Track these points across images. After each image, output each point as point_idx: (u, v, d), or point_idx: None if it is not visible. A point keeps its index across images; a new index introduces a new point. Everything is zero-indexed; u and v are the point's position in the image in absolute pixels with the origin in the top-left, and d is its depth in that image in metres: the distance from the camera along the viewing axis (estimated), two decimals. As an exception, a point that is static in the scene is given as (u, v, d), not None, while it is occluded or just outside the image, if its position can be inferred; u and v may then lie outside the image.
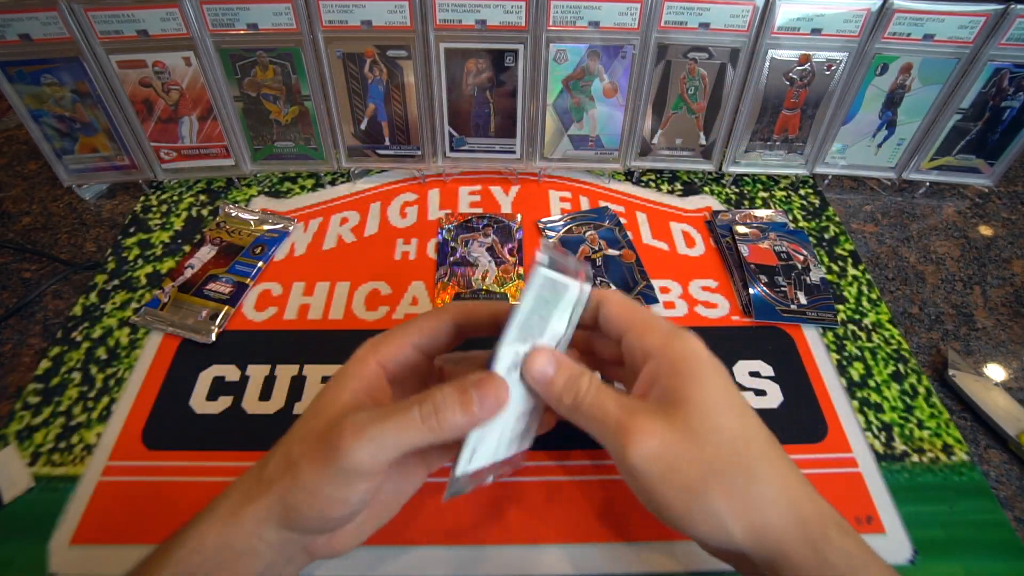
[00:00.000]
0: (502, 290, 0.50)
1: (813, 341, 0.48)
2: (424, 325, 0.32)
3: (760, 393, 0.44)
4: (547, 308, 0.29)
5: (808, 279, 0.51)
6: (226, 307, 0.48)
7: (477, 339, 0.34)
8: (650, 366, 0.29)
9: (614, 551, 0.36)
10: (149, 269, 0.52)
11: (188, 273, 0.51)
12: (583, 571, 0.35)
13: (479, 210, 0.58)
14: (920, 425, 0.43)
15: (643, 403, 0.28)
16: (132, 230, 0.56)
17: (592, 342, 0.35)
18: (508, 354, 0.28)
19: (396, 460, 0.27)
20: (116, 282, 0.51)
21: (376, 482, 0.27)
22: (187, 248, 0.54)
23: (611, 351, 0.33)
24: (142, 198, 0.60)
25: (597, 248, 0.54)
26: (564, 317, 0.30)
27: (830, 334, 0.48)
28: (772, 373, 0.45)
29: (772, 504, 0.26)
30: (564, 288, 0.30)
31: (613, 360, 0.33)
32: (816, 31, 0.52)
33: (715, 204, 0.60)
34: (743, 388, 0.44)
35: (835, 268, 0.54)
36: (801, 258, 0.53)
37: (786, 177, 0.63)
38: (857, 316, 0.50)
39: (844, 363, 0.46)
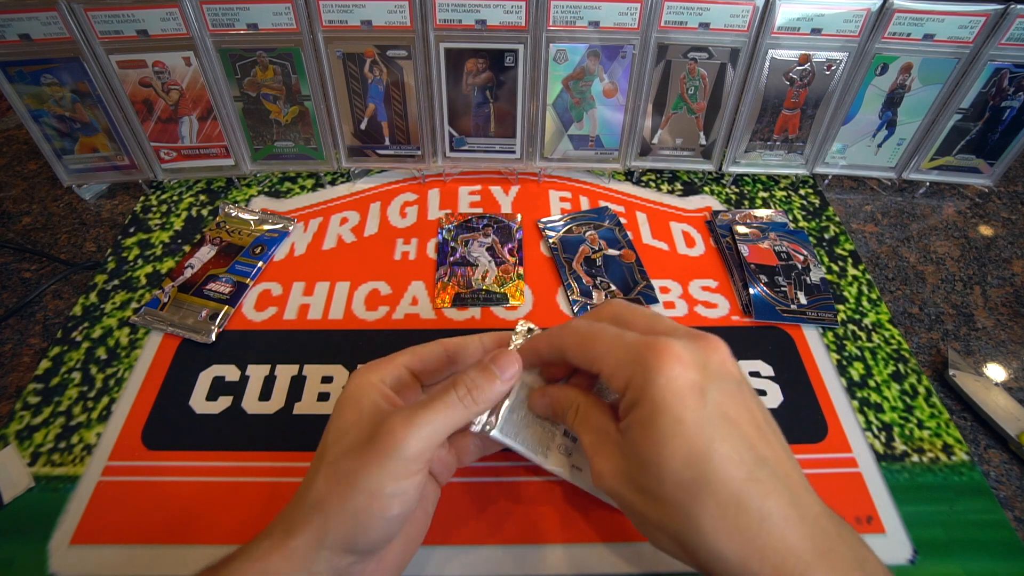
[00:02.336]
0: (502, 290, 0.50)
1: (813, 341, 0.48)
2: (417, 350, 0.34)
3: (760, 393, 0.44)
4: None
5: (808, 279, 0.51)
6: (226, 307, 0.48)
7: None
8: (623, 403, 0.29)
9: (614, 551, 0.36)
10: (149, 269, 0.52)
11: (188, 273, 0.51)
12: (583, 571, 0.35)
13: (479, 210, 0.58)
14: (920, 425, 0.43)
15: (613, 435, 0.29)
16: (132, 230, 0.56)
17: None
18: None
19: (438, 446, 0.29)
20: (116, 282, 0.51)
21: (424, 474, 0.29)
22: (187, 248, 0.54)
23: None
24: (142, 198, 0.60)
25: (597, 248, 0.54)
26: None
27: (830, 334, 0.48)
28: (772, 373, 0.45)
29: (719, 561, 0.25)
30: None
31: None
32: (816, 31, 0.52)
33: (715, 204, 0.60)
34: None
35: (835, 268, 0.54)
36: (801, 258, 0.53)
37: (786, 177, 0.63)
38: (857, 316, 0.50)
39: (844, 363, 0.46)
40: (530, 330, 0.37)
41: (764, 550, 0.23)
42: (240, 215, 0.57)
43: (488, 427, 0.33)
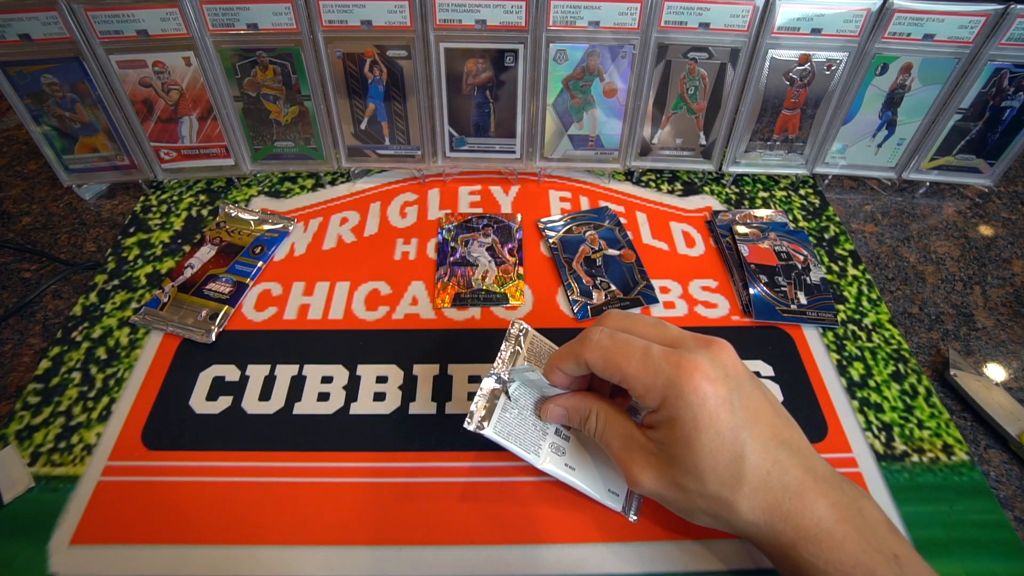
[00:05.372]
0: (502, 290, 0.50)
1: (813, 341, 0.48)
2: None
3: (760, 393, 0.44)
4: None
5: (808, 279, 0.51)
6: (226, 307, 0.48)
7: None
8: (650, 417, 0.32)
9: (614, 551, 0.36)
10: (149, 269, 0.52)
11: (188, 273, 0.51)
12: (583, 571, 0.35)
13: (479, 210, 0.58)
14: (920, 425, 0.43)
15: (643, 442, 0.32)
16: (132, 230, 0.56)
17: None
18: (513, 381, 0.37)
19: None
20: (116, 282, 0.51)
21: None
22: (187, 248, 0.54)
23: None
24: (142, 198, 0.60)
25: (597, 248, 0.54)
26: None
27: (830, 334, 0.48)
28: (772, 373, 0.45)
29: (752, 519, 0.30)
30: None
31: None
32: (816, 31, 0.52)
33: (715, 204, 0.60)
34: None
35: (835, 268, 0.54)
36: (801, 258, 0.53)
37: (786, 177, 0.63)
38: (857, 316, 0.50)
39: (844, 363, 0.46)
40: (523, 331, 0.37)
41: (787, 514, 0.29)
42: (240, 215, 0.56)
43: (481, 426, 0.34)
